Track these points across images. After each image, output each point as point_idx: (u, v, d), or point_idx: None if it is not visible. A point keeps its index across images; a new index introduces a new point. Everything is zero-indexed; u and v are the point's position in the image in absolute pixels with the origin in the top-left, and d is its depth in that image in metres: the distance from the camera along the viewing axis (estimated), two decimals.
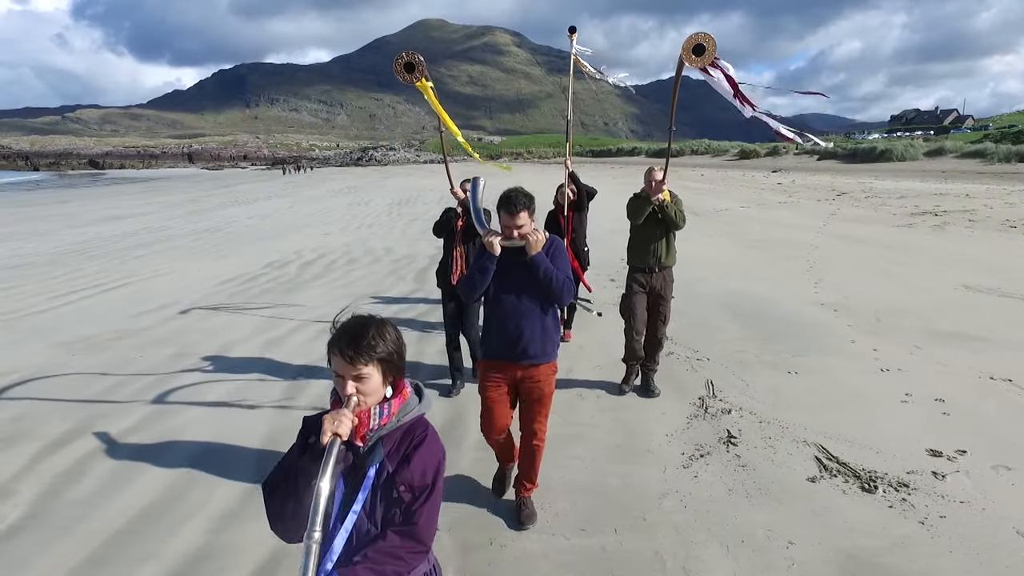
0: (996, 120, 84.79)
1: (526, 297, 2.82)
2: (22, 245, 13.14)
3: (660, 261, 4.38)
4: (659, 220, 4.33)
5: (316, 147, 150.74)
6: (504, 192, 2.79)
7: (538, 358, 2.88)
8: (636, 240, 4.46)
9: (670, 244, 4.43)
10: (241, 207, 22.47)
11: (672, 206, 4.30)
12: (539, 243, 2.75)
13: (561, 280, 2.77)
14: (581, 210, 5.88)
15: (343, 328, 1.45)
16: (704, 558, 2.74)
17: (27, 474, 3.59)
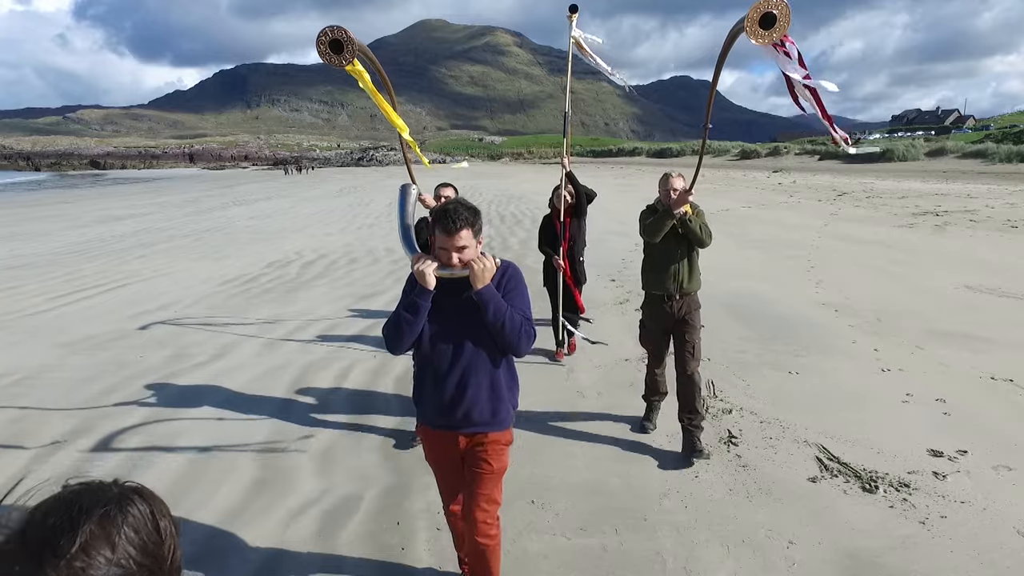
0: (997, 120, 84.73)
1: (470, 344, 2.18)
2: (23, 245, 13.16)
3: (682, 287, 3.68)
4: (680, 237, 3.65)
5: (317, 147, 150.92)
6: (441, 205, 2.19)
7: (487, 425, 2.25)
8: (652, 262, 3.76)
9: (693, 266, 3.74)
10: (242, 207, 22.48)
11: (696, 220, 3.62)
12: (487, 273, 2.09)
13: (517, 324, 2.12)
14: (580, 216, 5.28)
15: None
16: (705, 558, 2.74)
17: (27, 475, 3.59)
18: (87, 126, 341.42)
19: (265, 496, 3.32)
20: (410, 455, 3.76)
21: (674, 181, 3.68)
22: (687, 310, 3.74)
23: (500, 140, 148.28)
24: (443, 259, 2.12)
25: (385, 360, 5.48)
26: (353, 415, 4.35)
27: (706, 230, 3.68)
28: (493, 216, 17.22)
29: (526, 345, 2.16)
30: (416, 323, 2.14)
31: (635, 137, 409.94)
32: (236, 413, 4.40)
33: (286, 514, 3.14)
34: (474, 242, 2.13)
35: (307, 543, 2.92)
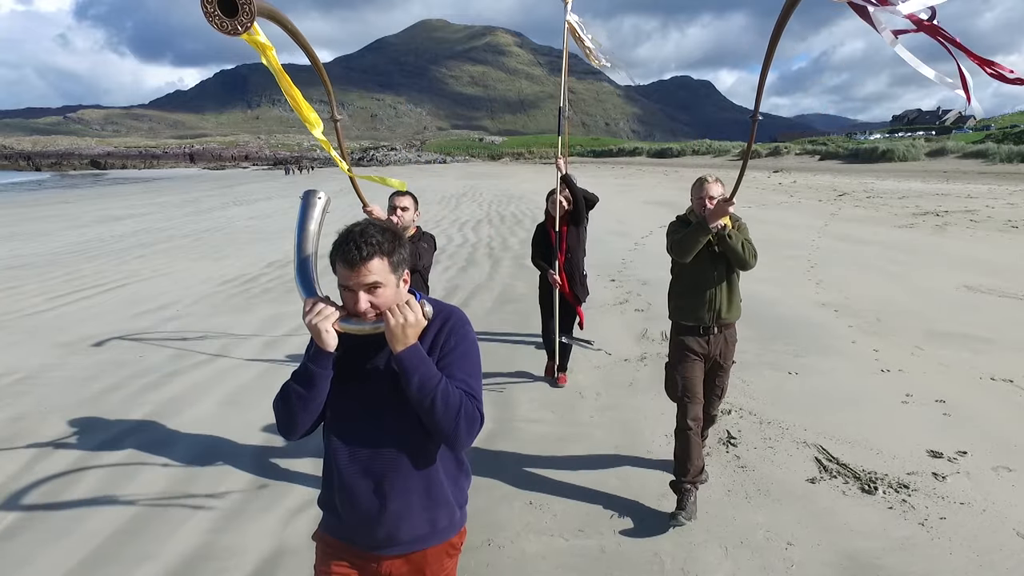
0: (998, 120, 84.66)
1: (392, 432, 1.51)
2: (23, 245, 13.16)
3: (719, 316, 3.05)
4: (717, 256, 3.02)
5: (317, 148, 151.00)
6: (345, 228, 1.47)
7: (422, 542, 1.64)
8: (683, 286, 3.13)
9: (733, 290, 3.12)
10: (242, 207, 22.49)
11: (737, 236, 2.98)
12: (409, 328, 1.43)
13: (454, 404, 1.43)
14: (579, 224, 4.68)
15: None
16: (703, 559, 2.74)
17: (26, 474, 3.59)
18: (88, 126, 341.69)
19: (264, 496, 3.31)
20: None
21: (710, 187, 3.00)
22: (724, 347, 3.15)
23: (500, 140, 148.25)
24: (348, 305, 1.46)
25: None
26: None
27: (749, 248, 3.02)
28: (493, 216, 17.22)
29: (467, 434, 1.47)
30: (311, 400, 1.50)
31: (635, 137, 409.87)
32: (235, 412, 4.40)
33: (285, 513, 3.14)
34: (393, 279, 1.47)
35: (306, 543, 2.91)
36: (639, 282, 8.38)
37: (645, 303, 7.26)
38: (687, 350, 3.11)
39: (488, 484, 3.40)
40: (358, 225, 1.47)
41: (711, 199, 2.99)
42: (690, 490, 3.02)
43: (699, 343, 3.10)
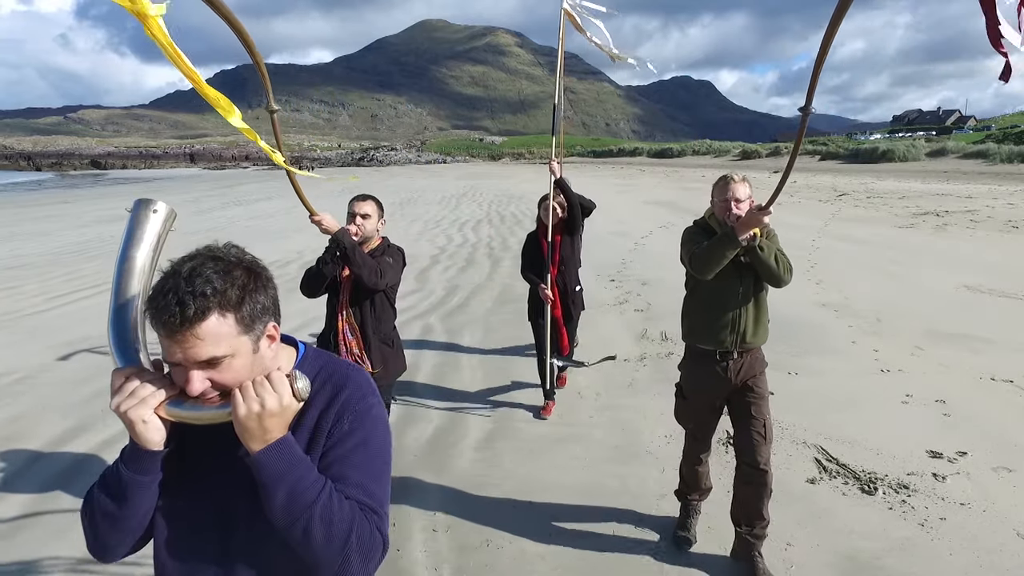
0: (999, 121, 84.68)
1: (244, 549, 1.06)
2: (23, 245, 13.16)
3: (743, 339, 2.57)
4: (743, 269, 2.54)
5: (318, 147, 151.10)
6: (166, 269, 1.00)
7: None
8: (702, 303, 2.66)
9: (761, 309, 2.63)
10: (242, 207, 22.49)
11: (769, 246, 2.50)
12: (270, 419, 0.97)
13: (342, 531, 0.97)
14: (573, 232, 4.20)
15: None
16: (703, 560, 2.73)
17: (26, 474, 3.59)
18: (88, 126, 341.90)
19: None
20: (406, 455, 3.75)
21: (736, 188, 2.52)
22: (749, 372, 2.62)
23: (500, 140, 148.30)
24: (179, 382, 1.00)
25: None
26: None
27: (783, 261, 2.52)
28: (493, 216, 17.22)
29: (360, 570, 1.00)
30: (122, 519, 1.03)
31: (636, 137, 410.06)
32: None
33: None
34: (245, 344, 1.01)
35: None
36: (639, 282, 8.38)
37: (645, 303, 7.26)
38: (703, 378, 2.66)
39: (487, 484, 3.39)
40: (186, 262, 0.99)
41: (737, 203, 2.51)
42: (695, 505, 2.91)
43: (718, 370, 2.61)
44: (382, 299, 2.95)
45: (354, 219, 2.91)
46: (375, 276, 2.72)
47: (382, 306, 2.95)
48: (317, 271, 2.83)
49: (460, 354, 5.67)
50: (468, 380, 5.01)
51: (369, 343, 2.89)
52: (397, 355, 3.04)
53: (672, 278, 8.54)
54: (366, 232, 2.93)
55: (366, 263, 2.71)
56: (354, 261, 2.69)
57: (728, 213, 2.53)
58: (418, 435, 4.03)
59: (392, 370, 3.00)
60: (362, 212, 2.92)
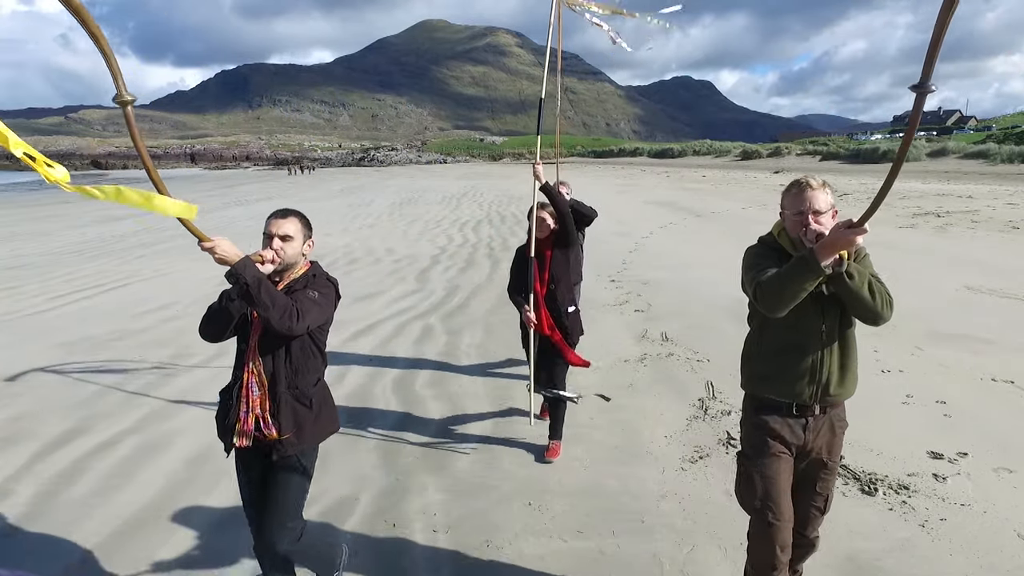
0: (999, 121, 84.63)
1: None
2: (23, 245, 13.17)
3: (826, 391, 2.10)
4: (827, 301, 2.03)
5: (318, 148, 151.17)
6: None
7: None
8: (771, 344, 2.14)
9: (849, 353, 2.13)
10: (242, 207, 22.51)
11: (862, 272, 1.97)
12: None
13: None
14: (567, 247, 3.65)
15: None
16: (702, 560, 2.73)
17: (26, 474, 3.59)
18: (89, 126, 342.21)
19: None
20: (407, 456, 3.75)
21: (815, 196, 2.00)
22: (828, 438, 2.19)
23: (501, 140, 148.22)
24: None
25: (383, 360, 5.48)
26: (350, 416, 4.33)
27: (881, 292, 1.99)
28: (494, 216, 17.22)
29: None
30: None
31: (636, 137, 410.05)
32: None
33: None
34: None
35: None
36: (639, 282, 8.37)
37: (645, 303, 7.25)
38: (772, 437, 2.13)
39: (486, 485, 3.39)
40: None
41: (816, 216, 1.98)
42: None
43: (791, 429, 2.12)
44: (304, 345, 2.27)
45: (270, 241, 2.23)
46: (289, 318, 2.05)
47: (302, 354, 2.26)
48: (219, 309, 2.18)
49: (460, 355, 5.67)
50: (468, 381, 5.01)
51: (278, 401, 2.20)
52: (318, 417, 2.30)
53: (672, 278, 8.54)
54: (286, 258, 2.25)
55: (276, 302, 2.02)
56: (258, 300, 1.98)
57: (804, 230, 1.98)
58: (417, 436, 4.03)
59: (309, 435, 2.28)
60: (281, 232, 2.25)
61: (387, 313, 7.12)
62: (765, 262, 2.06)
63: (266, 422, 2.20)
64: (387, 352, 5.72)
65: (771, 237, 2.19)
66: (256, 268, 2.03)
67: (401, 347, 5.86)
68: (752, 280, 2.05)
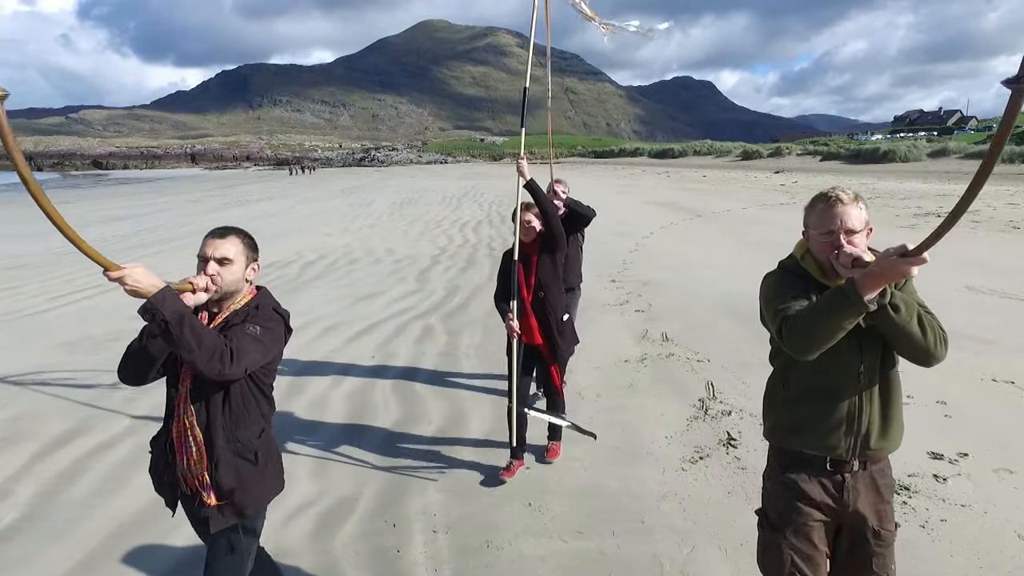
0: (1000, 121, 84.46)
1: None
2: (25, 245, 13.17)
3: (866, 444, 1.79)
4: (863, 336, 1.74)
5: (319, 148, 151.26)
6: None
7: None
8: (800, 390, 1.82)
9: (892, 399, 1.87)
10: (243, 207, 22.52)
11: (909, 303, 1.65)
12: None
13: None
14: (554, 251, 3.38)
15: None
16: (703, 561, 2.72)
17: (25, 474, 3.59)
18: (90, 126, 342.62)
19: None
20: (407, 456, 3.75)
21: (847, 213, 1.66)
22: (872, 498, 1.81)
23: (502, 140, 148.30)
24: None
25: (384, 360, 5.48)
26: (351, 416, 4.34)
27: (933, 327, 1.71)
28: (494, 217, 17.22)
29: None
30: None
31: (637, 137, 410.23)
32: None
33: (282, 515, 3.13)
34: None
35: (303, 545, 2.91)
36: (640, 283, 8.37)
37: (646, 304, 7.25)
38: (803, 501, 1.80)
39: (486, 485, 3.39)
40: None
41: (849, 235, 1.65)
42: None
43: (825, 488, 1.78)
44: (246, 389, 1.92)
45: (205, 265, 1.85)
46: (220, 361, 1.69)
47: (243, 400, 1.91)
48: (139, 348, 1.81)
49: (460, 355, 5.66)
50: (468, 381, 5.01)
51: (216, 456, 1.85)
52: (264, 473, 1.95)
53: (673, 278, 8.53)
54: (224, 285, 1.87)
55: (203, 342, 1.65)
56: (179, 340, 1.61)
57: (836, 253, 1.64)
58: (418, 436, 4.02)
59: (253, 496, 1.93)
60: (218, 254, 1.87)
61: (387, 313, 7.12)
62: (789, 292, 1.73)
63: (203, 482, 1.85)
64: (387, 352, 5.72)
65: (793, 261, 1.85)
66: (178, 301, 1.66)
67: (401, 347, 5.86)
68: (776, 315, 1.70)
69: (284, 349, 2.00)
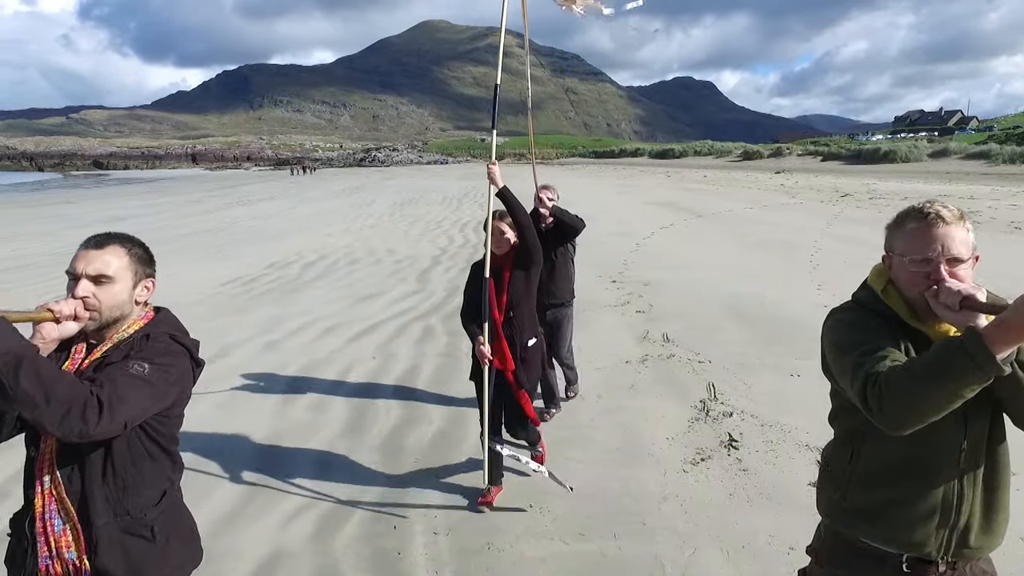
0: (1000, 121, 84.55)
1: None
2: (25, 246, 13.17)
3: (964, 540, 1.38)
4: (972, 404, 1.20)
5: (319, 148, 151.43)
6: None
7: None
8: (875, 465, 1.43)
9: (1000, 481, 1.40)
10: (244, 208, 22.52)
11: None
12: None
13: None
14: (528, 267, 3.03)
15: None
16: (704, 563, 2.71)
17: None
18: (91, 127, 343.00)
19: (262, 498, 3.30)
20: (407, 458, 3.74)
21: (951, 235, 1.32)
22: None
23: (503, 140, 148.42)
24: None
25: (385, 361, 5.47)
26: (352, 416, 4.33)
27: None
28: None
29: None
30: None
31: (637, 138, 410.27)
32: (234, 414, 4.39)
33: (283, 516, 3.12)
34: None
35: (303, 546, 2.90)
36: (640, 283, 8.36)
37: (646, 304, 7.24)
38: None
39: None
40: None
41: (952, 265, 1.31)
42: None
43: None
44: (137, 445, 1.48)
45: (76, 284, 1.42)
46: (83, 417, 1.25)
47: (132, 459, 1.48)
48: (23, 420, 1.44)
49: (461, 355, 5.65)
50: (469, 382, 4.99)
51: (96, 536, 1.43)
52: (163, 552, 1.52)
53: (674, 279, 8.52)
54: (103, 310, 1.44)
55: (52, 392, 1.21)
56: (16, 393, 1.19)
57: (935, 289, 1.29)
58: (419, 437, 4.02)
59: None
60: (91, 270, 1.43)
61: (388, 314, 7.11)
62: (871, 340, 1.32)
63: (79, 571, 1.42)
64: (388, 353, 5.71)
65: (871, 295, 1.43)
66: (13, 337, 1.21)
67: (402, 348, 5.85)
68: (856, 371, 1.27)
69: (193, 388, 1.56)
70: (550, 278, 3.99)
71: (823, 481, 1.60)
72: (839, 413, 1.52)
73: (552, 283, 4.02)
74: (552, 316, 4.14)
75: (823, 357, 1.49)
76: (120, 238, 1.53)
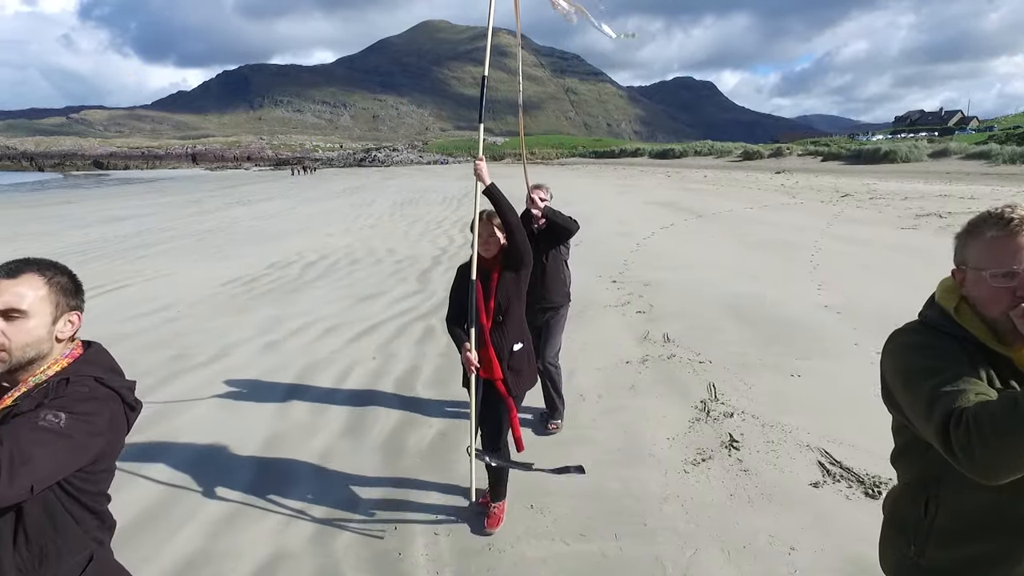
0: (1001, 121, 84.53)
1: None
2: (25, 246, 13.17)
3: None
4: None
5: (320, 148, 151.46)
6: None
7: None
8: (956, 516, 1.22)
9: None
10: (244, 208, 22.51)
11: None
12: None
13: None
14: (518, 268, 2.86)
15: None
16: (705, 564, 2.71)
17: None
18: (91, 127, 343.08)
19: (261, 499, 3.30)
20: (408, 457, 3.74)
21: None
22: None
23: (503, 141, 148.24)
24: None
25: (385, 361, 5.47)
26: (352, 417, 4.33)
27: None
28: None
29: None
30: None
31: (638, 138, 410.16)
32: (235, 414, 4.39)
33: (283, 517, 3.12)
34: None
35: (303, 546, 2.90)
36: (641, 283, 8.36)
37: (647, 304, 7.24)
38: None
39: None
40: None
41: None
42: None
43: None
44: (55, 504, 1.30)
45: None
46: None
47: (52, 522, 1.30)
48: None
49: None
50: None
51: None
52: None
53: (674, 279, 8.52)
54: (13, 351, 1.27)
55: None
56: None
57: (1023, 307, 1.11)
58: (419, 438, 4.02)
59: None
60: (1, 304, 1.26)
61: (389, 314, 7.11)
62: (950, 367, 1.14)
63: None
64: (389, 353, 5.71)
65: (943, 315, 1.29)
66: None
67: (403, 348, 5.85)
68: (933, 406, 1.08)
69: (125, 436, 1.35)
70: (543, 281, 3.88)
71: (890, 534, 1.38)
72: (906, 453, 1.31)
73: (544, 287, 3.91)
74: (545, 320, 4.05)
75: (883, 386, 1.29)
76: (39, 264, 1.32)
